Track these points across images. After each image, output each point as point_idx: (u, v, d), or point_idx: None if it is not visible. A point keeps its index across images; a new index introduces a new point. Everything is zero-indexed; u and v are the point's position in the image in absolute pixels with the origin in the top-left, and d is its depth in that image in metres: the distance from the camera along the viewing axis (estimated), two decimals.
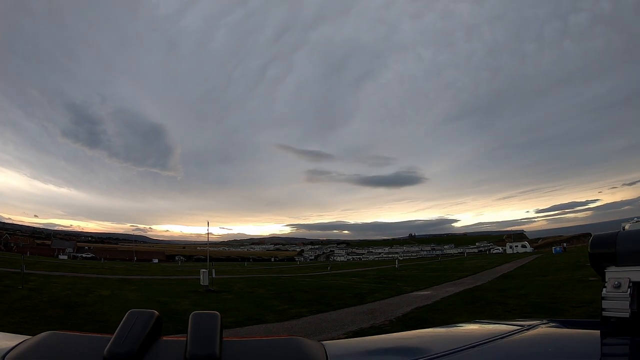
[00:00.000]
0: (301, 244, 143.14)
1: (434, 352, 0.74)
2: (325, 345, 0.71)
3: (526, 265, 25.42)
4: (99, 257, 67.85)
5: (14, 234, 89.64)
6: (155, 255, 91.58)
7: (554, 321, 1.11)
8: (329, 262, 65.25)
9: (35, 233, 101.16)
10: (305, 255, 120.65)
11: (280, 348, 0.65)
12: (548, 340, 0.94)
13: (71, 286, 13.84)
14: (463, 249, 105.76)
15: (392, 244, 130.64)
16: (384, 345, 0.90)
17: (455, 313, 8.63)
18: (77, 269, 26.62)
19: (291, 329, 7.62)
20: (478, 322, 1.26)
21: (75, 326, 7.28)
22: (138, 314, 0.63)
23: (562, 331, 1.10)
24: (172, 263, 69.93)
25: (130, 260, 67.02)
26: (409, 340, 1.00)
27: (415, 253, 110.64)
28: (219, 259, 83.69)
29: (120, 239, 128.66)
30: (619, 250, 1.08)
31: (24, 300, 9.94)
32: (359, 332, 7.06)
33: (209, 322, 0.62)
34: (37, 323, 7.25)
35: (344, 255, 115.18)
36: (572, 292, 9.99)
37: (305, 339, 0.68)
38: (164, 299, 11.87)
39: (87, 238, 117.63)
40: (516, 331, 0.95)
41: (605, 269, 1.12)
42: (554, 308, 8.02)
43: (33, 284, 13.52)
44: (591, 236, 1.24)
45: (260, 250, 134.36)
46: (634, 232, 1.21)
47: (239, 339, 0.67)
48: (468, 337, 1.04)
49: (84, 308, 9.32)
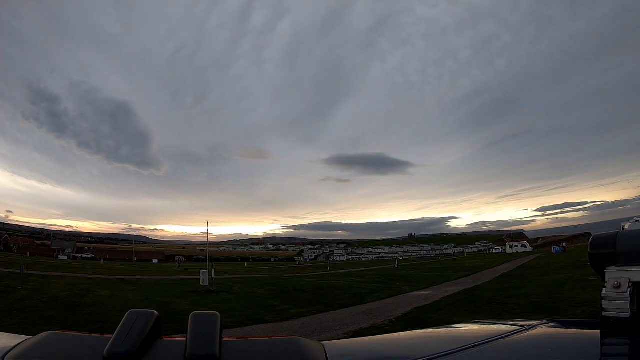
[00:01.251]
0: (301, 244, 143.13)
1: (434, 352, 0.74)
2: (325, 346, 0.71)
3: (526, 265, 25.44)
4: (98, 258, 67.79)
5: (14, 234, 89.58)
6: (155, 255, 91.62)
7: (554, 321, 1.11)
8: (329, 262, 65.27)
9: (35, 233, 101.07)
10: (305, 255, 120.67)
11: (280, 348, 0.65)
12: (548, 341, 0.94)
13: (71, 287, 13.83)
14: (463, 249, 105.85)
15: (392, 244, 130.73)
16: (384, 345, 0.90)
17: (455, 313, 8.63)
18: (76, 269, 26.62)
19: (291, 329, 7.62)
20: (478, 322, 1.26)
21: (75, 326, 7.28)
22: (138, 314, 0.63)
23: (561, 331, 1.10)
24: (171, 263, 70.01)
25: (130, 261, 67.06)
26: (408, 341, 1.00)
27: (415, 253, 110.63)
28: (219, 259, 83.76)
29: (119, 239, 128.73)
30: (618, 250, 1.08)
31: (24, 300, 9.94)
32: (358, 332, 7.06)
33: (209, 322, 0.62)
34: (36, 323, 7.26)
35: (344, 255, 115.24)
36: (572, 291, 10.00)
37: (305, 339, 0.68)
38: (163, 299, 11.87)
39: (86, 238, 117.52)
40: (516, 331, 0.95)
41: (605, 269, 1.12)
42: (553, 308, 8.02)
43: (33, 284, 13.52)
44: (591, 236, 1.24)
45: (260, 251, 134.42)
46: (634, 232, 1.21)
47: (238, 339, 0.67)
48: (468, 337, 1.04)
49: (84, 308, 9.32)
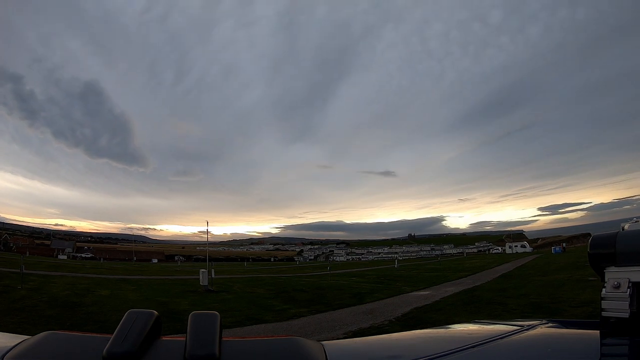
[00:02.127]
0: (300, 244, 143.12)
1: (434, 352, 0.74)
2: (325, 345, 0.71)
3: (525, 265, 25.44)
4: (98, 257, 67.91)
5: (14, 234, 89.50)
6: (155, 255, 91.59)
7: (554, 321, 1.11)
8: (329, 262, 65.26)
9: (34, 233, 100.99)
10: (305, 255, 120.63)
11: (279, 348, 0.65)
12: (547, 341, 0.94)
13: (71, 286, 13.83)
14: (462, 249, 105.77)
15: (392, 244, 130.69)
16: (384, 345, 0.90)
17: (455, 313, 8.63)
18: (76, 269, 26.61)
19: (290, 329, 7.62)
20: (477, 322, 1.26)
21: (74, 326, 7.27)
22: (137, 314, 0.63)
23: (561, 331, 1.10)
24: (171, 263, 69.97)
25: (130, 260, 67.04)
26: (408, 341, 1.00)
27: (414, 253, 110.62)
28: (219, 259, 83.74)
29: (119, 239, 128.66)
30: (618, 251, 1.08)
31: (24, 300, 9.95)
32: (358, 332, 7.06)
33: (209, 322, 0.62)
34: (36, 323, 7.25)
35: (344, 256, 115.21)
36: (572, 292, 10.00)
37: (304, 339, 0.68)
38: (163, 299, 11.87)
39: (86, 238, 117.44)
40: (515, 331, 0.95)
41: (604, 269, 1.12)
42: (553, 308, 8.03)
43: (32, 284, 13.52)
44: (590, 236, 1.24)
45: (259, 250, 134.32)
46: (634, 232, 1.21)
47: (238, 339, 0.67)
48: (467, 337, 1.04)
49: (84, 308, 9.32)
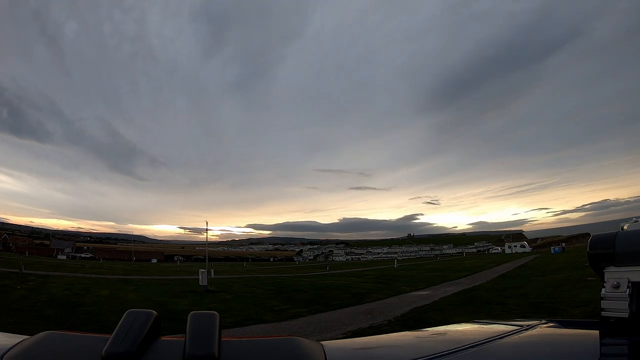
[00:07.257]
0: (300, 244, 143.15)
1: (433, 352, 0.74)
2: (324, 345, 0.71)
3: (525, 265, 25.44)
4: (97, 257, 67.78)
5: (13, 234, 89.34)
6: (154, 255, 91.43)
7: (553, 321, 1.11)
8: (328, 262, 65.27)
9: (34, 233, 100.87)
10: (304, 255, 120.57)
11: (278, 348, 0.65)
12: (547, 341, 0.94)
13: (70, 286, 13.81)
14: (462, 249, 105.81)
15: (391, 244, 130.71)
16: (383, 345, 0.90)
17: (454, 313, 8.64)
18: (75, 269, 26.59)
19: (290, 329, 7.61)
20: (477, 322, 1.26)
21: (74, 326, 7.26)
22: (136, 314, 0.63)
23: (561, 331, 1.10)
24: (170, 263, 69.89)
25: (129, 260, 67.02)
26: (408, 341, 1.00)
27: (414, 253, 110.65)
28: (218, 259, 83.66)
29: (119, 239, 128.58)
30: (618, 251, 1.08)
31: (23, 300, 9.94)
32: (357, 332, 7.05)
33: (208, 322, 0.62)
34: (35, 323, 7.24)
35: (343, 256, 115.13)
36: (571, 292, 10.01)
37: (303, 339, 0.68)
38: (162, 299, 11.86)
39: (85, 238, 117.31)
40: (515, 331, 0.95)
41: (604, 269, 1.12)
42: (552, 308, 8.03)
43: (32, 284, 13.50)
44: (590, 236, 1.25)
45: (259, 250, 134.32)
46: (633, 232, 1.21)
47: (237, 339, 0.67)
48: (467, 337, 1.04)
49: (83, 308, 9.31)
